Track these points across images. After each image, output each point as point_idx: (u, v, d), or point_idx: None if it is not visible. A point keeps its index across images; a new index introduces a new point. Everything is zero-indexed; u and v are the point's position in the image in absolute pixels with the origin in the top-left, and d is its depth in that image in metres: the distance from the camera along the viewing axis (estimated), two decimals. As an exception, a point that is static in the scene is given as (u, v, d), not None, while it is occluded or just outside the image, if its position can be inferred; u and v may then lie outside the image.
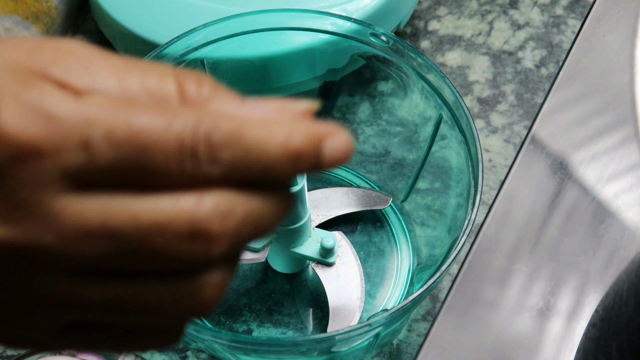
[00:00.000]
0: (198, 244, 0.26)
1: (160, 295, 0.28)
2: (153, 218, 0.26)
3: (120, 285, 0.27)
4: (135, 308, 0.28)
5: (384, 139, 0.58)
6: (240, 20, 0.53)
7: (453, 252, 0.46)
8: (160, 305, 0.28)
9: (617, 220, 0.48)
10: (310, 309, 0.54)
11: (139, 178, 0.26)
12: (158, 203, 0.26)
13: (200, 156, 0.26)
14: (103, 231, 0.26)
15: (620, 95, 0.52)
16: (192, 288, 0.28)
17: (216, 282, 0.28)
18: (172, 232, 0.26)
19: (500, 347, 0.44)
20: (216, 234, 0.27)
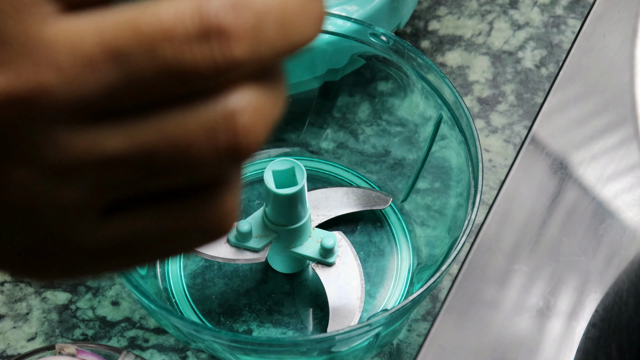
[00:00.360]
0: (213, 44, 0.22)
1: (191, 126, 0.23)
2: (156, 24, 0.22)
3: (143, 123, 0.23)
4: (168, 151, 0.23)
5: (384, 139, 0.58)
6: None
7: (453, 252, 0.46)
8: (194, 139, 0.23)
9: (617, 220, 0.48)
10: (310, 309, 0.54)
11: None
12: (159, 7, 0.22)
13: None
14: (104, 53, 0.22)
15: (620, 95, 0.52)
16: (224, 113, 0.23)
17: (253, 102, 0.24)
18: (181, 35, 0.22)
19: (500, 347, 0.44)
20: (231, 29, 0.22)
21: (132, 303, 0.54)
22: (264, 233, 0.51)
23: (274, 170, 0.48)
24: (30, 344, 0.53)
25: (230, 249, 0.51)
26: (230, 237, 0.51)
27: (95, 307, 0.54)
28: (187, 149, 0.23)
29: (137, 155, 0.23)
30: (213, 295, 0.54)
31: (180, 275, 0.54)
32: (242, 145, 0.24)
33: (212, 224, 0.26)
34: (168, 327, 0.49)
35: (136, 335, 0.53)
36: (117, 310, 0.54)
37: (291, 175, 0.48)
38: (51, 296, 0.54)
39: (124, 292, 0.54)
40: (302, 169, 0.48)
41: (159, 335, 0.53)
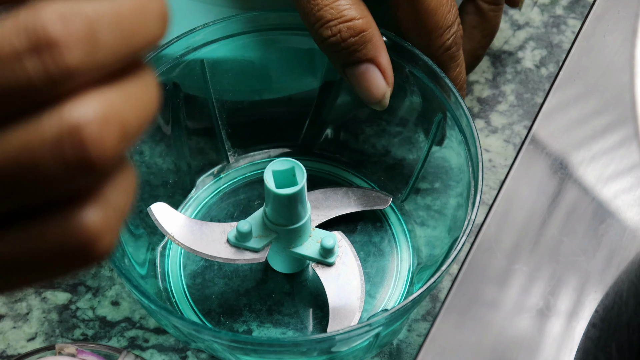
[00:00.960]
0: (44, 56, 0.22)
1: (35, 142, 0.23)
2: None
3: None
4: (13, 169, 0.23)
5: (384, 139, 0.58)
6: (240, 20, 0.53)
7: (453, 252, 0.46)
8: (40, 155, 0.23)
9: (617, 220, 0.48)
10: (310, 309, 0.54)
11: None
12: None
13: None
14: None
15: (620, 95, 0.52)
16: (69, 126, 0.23)
17: (100, 110, 0.23)
18: (8, 53, 0.22)
19: (500, 347, 0.44)
20: (62, 38, 0.22)
21: (132, 303, 0.54)
22: (264, 233, 0.51)
23: (274, 170, 0.48)
24: (30, 344, 0.53)
25: (230, 249, 0.51)
26: (230, 237, 0.51)
27: (95, 307, 0.54)
28: (33, 166, 0.23)
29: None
30: (213, 295, 0.54)
31: (180, 275, 0.54)
32: (93, 156, 0.23)
33: (78, 244, 0.25)
34: (168, 327, 0.49)
35: (136, 335, 0.53)
36: (117, 310, 0.54)
37: (291, 175, 0.48)
38: (51, 296, 0.54)
39: (124, 292, 0.54)
40: (302, 169, 0.48)
41: (159, 335, 0.53)
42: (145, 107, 0.25)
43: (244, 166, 0.59)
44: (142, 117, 0.24)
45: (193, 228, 0.51)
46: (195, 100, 0.56)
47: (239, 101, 0.57)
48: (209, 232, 0.52)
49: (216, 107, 0.57)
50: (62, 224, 0.24)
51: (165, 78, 0.53)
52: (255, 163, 0.59)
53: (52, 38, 0.22)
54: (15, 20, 0.22)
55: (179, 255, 0.55)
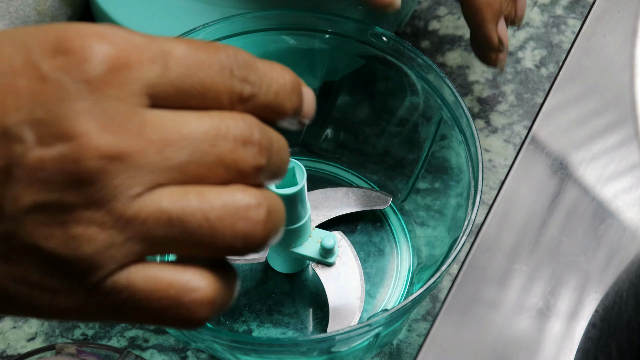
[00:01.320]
0: (249, 150, 0.33)
1: (223, 204, 0.32)
2: (214, 126, 0.33)
3: (191, 195, 0.32)
4: (201, 222, 0.32)
5: (384, 139, 0.58)
6: (240, 20, 0.53)
7: (453, 252, 0.46)
8: (221, 217, 0.32)
9: (617, 220, 0.48)
10: (310, 309, 0.54)
11: (194, 99, 0.33)
12: (217, 116, 0.33)
13: (235, 73, 0.34)
14: (180, 139, 0.32)
15: (620, 95, 0.52)
16: (251, 199, 0.33)
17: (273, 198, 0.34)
18: (231, 136, 0.33)
19: (500, 347, 0.44)
20: (260, 142, 0.33)
21: (132, 303, 0.54)
22: (264, 233, 0.51)
23: (274, 170, 0.48)
24: (30, 344, 0.53)
25: (230, 249, 0.51)
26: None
27: (95, 307, 0.54)
28: (213, 228, 0.32)
29: (177, 217, 0.32)
30: (213, 295, 0.54)
31: (180, 275, 0.54)
32: (257, 233, 0.33)
33: (190, 303, 0.32)
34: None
35: (136, 335, 0.53)
36: (117, 310, 0.54)
37: (291, 175, 0.48)
38: (51, 296, 0.54)
39: (124, 292, 0.54)
40: (302, 169, 0.48)
41: (159, 335, 0.53)
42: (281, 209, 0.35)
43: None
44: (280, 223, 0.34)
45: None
46: (195, 100, 0.56)
47: (239, 101, 0.57)
48: (209, 232, 0.52)
49: (216, 107, 0.56)
50: (185, 282, 0.33)
51: (165, 78, 0.53)
52: (255, 163, 0.59)
53: (255, 141, 0.33)
54: (236, 121, 0.33)
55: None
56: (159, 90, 0.32)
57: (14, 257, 0.31)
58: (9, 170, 0.31)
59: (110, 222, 0.31)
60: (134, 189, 0.31)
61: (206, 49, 0.33)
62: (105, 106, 0.31)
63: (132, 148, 0.31)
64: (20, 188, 0.30)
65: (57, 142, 0.30)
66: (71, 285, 0.32)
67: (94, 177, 0.31)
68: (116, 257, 0.31)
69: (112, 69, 0.31)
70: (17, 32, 0.32)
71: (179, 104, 0.33)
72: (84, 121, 0.31)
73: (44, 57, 0.31)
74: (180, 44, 0.33)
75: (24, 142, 0.30)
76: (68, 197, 0.31)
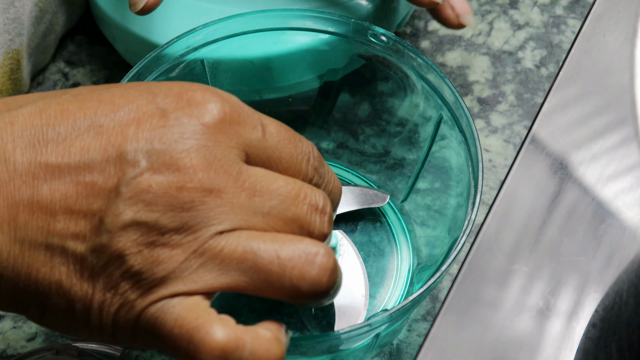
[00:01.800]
0: (318, 216, 0.37)
1: (295, 247, 0.36)
2: (294, 191, 0.37)
3: (267, 236, 0.36)
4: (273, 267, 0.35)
5: (384, 139, 0.58)
6: (240, 20, 0.53)
7: (453, 252, 0.46)
8: (292, 262, 0.36)
9: (617, 220, 0.48)
10: (310, 309, 0.54)
11: (277, 166, 0.38)
12: (300, 184, 0.37)
13: (310, 162, 0.39)
14: (268, 192, 0.36)
15: (620, 95, 0.52)
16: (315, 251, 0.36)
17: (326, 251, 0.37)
18: (306, 202, 0.37)
19: (500, 347, 0.44)
20: (328, 212, 0.38)
21: (132, 303, 0.54)
22: (264, 233, 0.51)
23: (274, 170, 0.48)
24: (30, 344, 0.53)
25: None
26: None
27: (95, 307, 0.54)
28: (284, 262, 0.36)
29: (253, 254, 0.36)
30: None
31: (180, 275, 0.54)
32: (323, 280, 0.36)
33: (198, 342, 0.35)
34: (168, 327, 0.49)
35: (136, 335, 0.53)
36: (117, 310, 0.54)
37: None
38: (51, 296, 0.54)
39: (124, 292, 0.54)
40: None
41: (159, 335, 0.53)
42: None
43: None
44: None
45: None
46: (195, 100, 0.56)
47: (239, 101, 0.57)
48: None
49: (216, 107, 0.56)
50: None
51: (165, 78, 0.53)
52: (255, 163, 0.59)
53: (327, 211, 0.39)
54: (315, 190, 0.39)
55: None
56: (255, 151, 0.37)
57: (99, 268, 0.34)
58: (118, 189, 0.34)
59: (193, 247, 0.34)
60: (223, 225, 0.35)
61: (293, 135, 0.39)
62: (213, 148, 0.35)
63: (228, 188, 0.35)
64: (124, 205, 0.34)
65: (166, 171, 0.34)
66: (133, 299, 0.35)
67: (192, 205, 0.34)
68: (185, 281, 0.35)
69: (224, 121, 0.36)
70: (141, 83, 0.37)
71: (267, 164, 0.37)
72: (193, 157, 0.35)
73: (167, 101, 0.36)
74: (275, 123, 0.39)
75: (138, 166, 0.34)
76: (164, 219, 0.34)
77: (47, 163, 0.34)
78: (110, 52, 0.64)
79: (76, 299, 0.35)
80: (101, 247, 0.34)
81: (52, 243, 0.34)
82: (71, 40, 0.65)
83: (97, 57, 0.64)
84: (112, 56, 0.64)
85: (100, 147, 0.34)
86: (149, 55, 0.51)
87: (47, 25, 0.60)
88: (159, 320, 0.35)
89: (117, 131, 0.35)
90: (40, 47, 0.61)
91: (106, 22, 0.59)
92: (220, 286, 0.35)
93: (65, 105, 0.36)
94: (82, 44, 0.65)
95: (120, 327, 0.35)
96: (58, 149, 0.34)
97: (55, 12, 0.61)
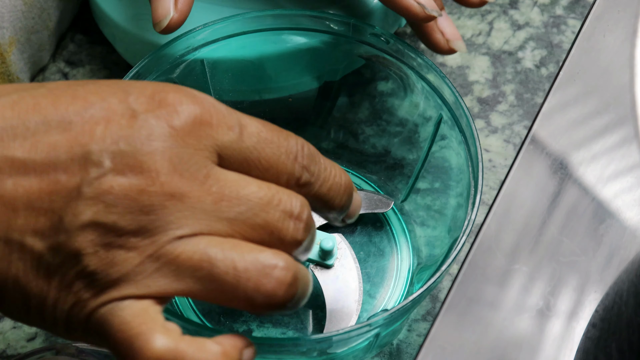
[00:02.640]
0: (291, 222, 0.36)
1: (253, 258, 0.35)
2: (267, 196, 0.36)
3: (226, 244, 0.35)
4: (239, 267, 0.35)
5: (384, 139, 0.58)
6: (240, 20, 0.53)
7: (453, 252, 0.46)
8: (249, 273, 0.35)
9: (617, 220, 0.48)
10: (310, 309, 0.54)
11: (257, 170, 0.37)
12: (276, 189, 0.36)
13: (298, 160, 0.38)
14: (236, 198, 0.35)
15: (620, 95, 0.52)
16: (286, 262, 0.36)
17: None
18: (279, 207, 0.36)
19: (500, 347, 0.44)
20: (302, 218, 0.37)
21: (132, 303, 0.54)
22: (264, 233, 0.51)
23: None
24: (30, 344, 0.53)
25: (230, 249, 0.51)
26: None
27: (95, 307, 0.54)
28: (239, 274, 0.35)
29: (209, 263, 0.35)
30: (213, 295, 0.54)
31: (180, 275, 0.54)
32: (279, 293, 0.36)
33: None
34: (168, 327, 0.49)
35: (136, 335, 0.53)
36: (117, 310, 0.54)
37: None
38: (51, 296, 0.54)
39: (124, 292, 0.54)
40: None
41: (159, 335, 0.53)
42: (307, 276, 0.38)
43: None
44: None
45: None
46: (195, 100, 0.56)
47: (239, 101, 0.57)
48: (209, 232, 0.52)
49: (216, 107, 0.56)
50: None
51: (166, 78, 0.53)
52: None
53: (300, 216, 0.37)
54: (290, 196, 0.38)
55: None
56: (229, 153, 0.36)
57: (55, 267, 0.34)
58: (80, 189, 0.34)
59: (149, 251, 0.34)
60: (182, 230, 0.34)
61: (278, 133, 0.38)
62: (180, 152, 0.35)
63: (192, 193, 0.34)
64: (84, 206, 0.34)
65: (129, 173, 0.34)
66: (86, 299, 0.35)
67: (151, 209, 0.34)
68: (138, 284, 0.34)
69: (195, 123, 0.35)
70: (116, 81, 0.37)
71: (242, 171, 0.36)
72: (158, 159, 0.34)
73: (139, 101, 0.35)
74: (256, 122, 0.38)
75: (101, 167, 0.34)
76: (123, 221, 0.34)
77: (14, 158, 0.34)
78: (110, 52, 0.64)
79: (31, 295, 0.34)
80: (58, 245, 0.34)
81: (11, 238, 0.34)
82: (71, 40, 0.65)
83: (97, 57, 0.64)
84: (112, 56, 0.64)
85: (67, 144, 0.34)
86: (149, 55, 0.51)
87: (36, 21, 0.59)
88: (107, 322, 0.34)
89: (86, 129, 0.34)
90: (33, 44, 0.60)
91: (106, 22, 0.59)
92: (174, 292, 0.35)
93: (38, 99, 0.35)
94: (82, 44, 0.65)
95: (73, 325, 0.35)
96: (25, 144, 0.34)
97: (45, 7, 0.60)
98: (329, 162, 0.40)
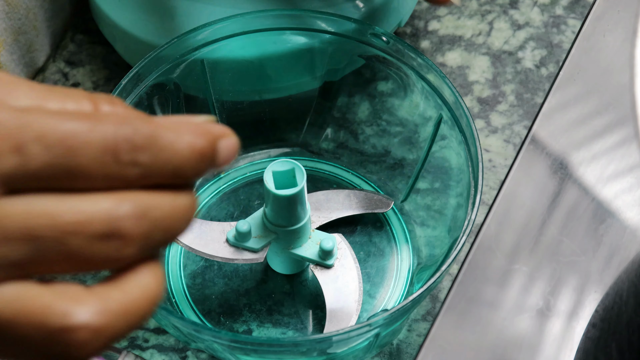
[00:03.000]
0: (111, 244, 0.29)
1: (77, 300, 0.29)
2: (72, 218, 0.29)
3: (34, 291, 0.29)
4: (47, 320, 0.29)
5: (384, 139, 0.58)
6: (240, 20, 0.53)
7: (453, 252, 0.46)
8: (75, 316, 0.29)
9: (617, 220, 0.48)
10: (310, 309, 0.54)
11: (66, 181, 0.29)
12: (79, 204, 0.29)
13: (122, 157, 0.29)
14: (22, 235, 0.28)
15: (620, 95, 0.52)
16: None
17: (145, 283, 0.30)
18: (88, 232, 0.29)
19: (500, 347, 0.44)
20: (129, 234, 0.29)
21: (132, 303, 0.54)
22: (263, 233, 0.51)
23: (274, 171, 0.48)
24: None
25: (229, 249, 0.51)
26: (229, 236, 0.51)
27: (95, 307, 0.54)
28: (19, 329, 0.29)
29: (16, 315, 0.28)
30: (213, 295, 0.54)
31: (180, 275, 0.54)
32: None
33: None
34: (168, 327, 0.49)
35: (136, 335, 0.53)
36: (117, 310, 0.54)
37: (291, 176, 0.48)
38: (51, 296, 0.54)
39: (124, 292, 0.54)
40: (302, 171, 0.48)
41: (159, 335, 0.53)
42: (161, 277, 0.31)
43: (244, 166, 0.59)
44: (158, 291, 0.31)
45: (193, 226, 0.51)
46: (195, 100, 0.56)
47: (239, 101, 0.57)
48: (209, 231, 0.52)
49: (216, 107, 0.57)
50: None
51: (166, 78, 0.53)
52: (255, 163, 0.59)
53: (123, 233, 0.29)
54: (101, 205, 0.29)
55: (179, 255, 0.55)
56: (16, 179, 0.28)
57: None
58: None
59: None
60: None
61: (88, 128, 0.29)
62: None
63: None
64: None
65: None
66: None
67: None
68: None
69: None
70: None
71: (45, 187, 0.29)
72: None
73: None
74: (58, 122, 0.29)
75: None
76: None
77: None
78: (110, 52, 0.64)
79: None
80: None
81: None
82: (71, 40, 0.65)
83: (97, 57, 0.64)
84: (112, 56, 0.64)
85: None
86: (149, 55, 0.51)
87: (22, 22, 0.59)
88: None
89: None
90: (21, 45, 0.60)
91: (106, 22, 0.59)
92: None
93: None
94: (82, 44, 0.65)
95: None
96: None
97: (30, 7, 0.60)
98: (173, 136, 0.30)
